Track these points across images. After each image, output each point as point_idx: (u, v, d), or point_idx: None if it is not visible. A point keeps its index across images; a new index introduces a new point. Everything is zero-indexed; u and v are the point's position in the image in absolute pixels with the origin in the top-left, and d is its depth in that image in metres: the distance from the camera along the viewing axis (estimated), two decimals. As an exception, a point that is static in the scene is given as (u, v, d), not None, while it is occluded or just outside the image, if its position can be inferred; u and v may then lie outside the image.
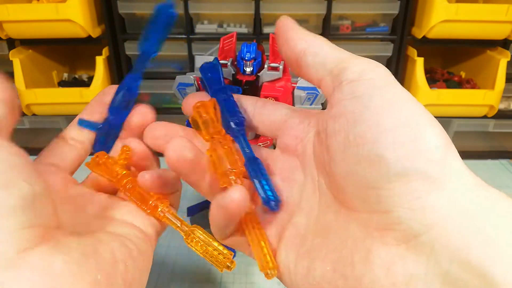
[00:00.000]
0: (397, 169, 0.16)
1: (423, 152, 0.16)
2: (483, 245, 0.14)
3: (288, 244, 0.21)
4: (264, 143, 0.46)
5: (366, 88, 0.18)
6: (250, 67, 0.41)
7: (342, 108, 0.19)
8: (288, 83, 0.42)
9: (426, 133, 0.17)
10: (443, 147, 0.17)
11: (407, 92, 0.19)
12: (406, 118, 0.17)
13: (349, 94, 0.19)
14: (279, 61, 0.41)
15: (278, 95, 0.41)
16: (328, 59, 0.21)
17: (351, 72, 0.19)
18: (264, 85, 0.41)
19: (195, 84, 0.44)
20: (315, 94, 0.42)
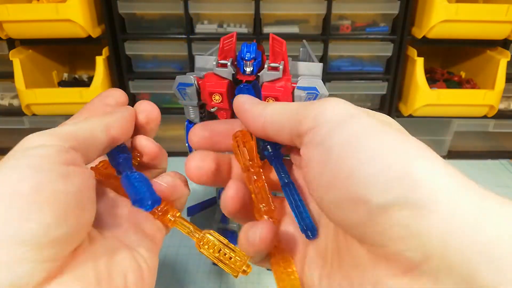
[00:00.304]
0: (377, 204, 0.16)
1: (398, 180, 0.16)
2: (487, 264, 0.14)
3: (312, 265, 0.21)
4: None
5: (324, 133, 0.18)
6: (250, 67, 0.41)
7: (309, 157, 0.19)
8: (288, 83, 0.42)
9: (394, 158, 0.16)
10: (418, 167, 0.16)
11: (363, 120, 0.18)
12: (367, 151, 0.17)
13: (310, 144, 0.19)
14: (279, 61, 0.41)
15: (278, 95, 0.41)
16: (284, 121, 0.21)
17: (307, 121, 0.19)
18: (264, 85, 0.41)
19: (195, 84, 0.44)
20: (315, 94, 0.42)
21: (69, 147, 0.19)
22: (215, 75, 0.42)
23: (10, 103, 0.80)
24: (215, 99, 0.41)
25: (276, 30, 0.72)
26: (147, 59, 0.78)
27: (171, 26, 0.74)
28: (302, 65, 0.45)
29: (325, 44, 0.72)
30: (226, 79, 0.42)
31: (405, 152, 0.16)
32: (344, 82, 0.76)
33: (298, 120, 0.19)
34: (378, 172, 0.16)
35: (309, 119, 0.19)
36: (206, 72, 0.44)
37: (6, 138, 0.85)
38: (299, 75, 0.44)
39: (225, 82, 0.41)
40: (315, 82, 0.42)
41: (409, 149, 0.16)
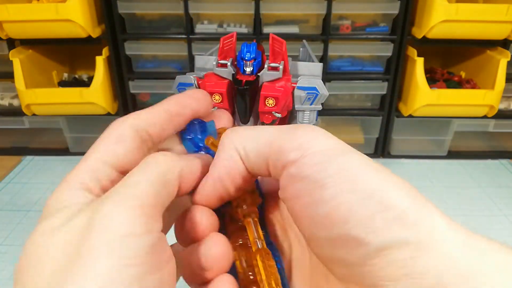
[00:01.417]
0: (376, 245, 0.15)
1: (396, 219, 0.15)
2: None
3: None
4: None
5: (313, 165, 0.17)
6: (250, 67, 0.41)
7: (297, 191, 0.17)
8: (288, 83, 0.42)
9: (392, 198, 0.16)
10: (414, 207, 0.16)
11: (356, 156, 0.17)
12: (365, 189, 0.16)
13: (296, 176, 0.17)
14: (279, 61, 0.41)
15: (278, 95, 0.41)
16: (260, 151, 0.19)
17: (289, 153, 0.17)
18: (264, 85, 0.41)
19: (195, 84, 0.44)
20: (315, 94, 0.42)
21: (158, 229, 0.16)
22: (215, 75, 0.42)
23: (10, 103, 0.80)
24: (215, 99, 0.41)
25: (276, 30, 0.72)
26: (147, 59, 0.78)
27: (171, 26, 0.74)
28: (302, 65, 0.45)
29: (325, 44, 0.72)
30: (226, 79, 0.42)
31: (401, 192, 0.16)
32: (344, 82, 0.76)
33: (278, 147, 0.18)
34: (376, 213, 0.16)
35: (293, 147, 0.17)
36: (206, 72, 0.44)
37: (6, 138, 0.85)
38: (299, 75, 0.44)
39: (225, 82, 0.41)
40: (315, 82, 0.42)
41: (403, 188, 0.16)
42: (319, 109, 0.44)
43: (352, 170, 0.17)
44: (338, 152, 0.17)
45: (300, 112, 0.45)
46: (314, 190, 0.17)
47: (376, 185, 0.16)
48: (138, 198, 0.16)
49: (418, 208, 0.16)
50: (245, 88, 0.41)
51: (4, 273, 0.52)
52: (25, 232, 0.60)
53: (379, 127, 0.81)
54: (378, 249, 0.15)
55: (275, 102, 0.41)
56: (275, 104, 0.41)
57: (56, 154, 0.84)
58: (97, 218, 0.15)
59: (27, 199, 0.68)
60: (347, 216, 0.16)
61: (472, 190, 0.72)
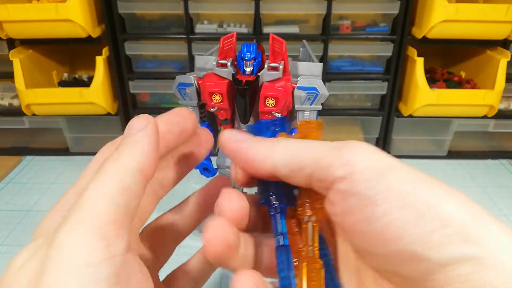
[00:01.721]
0: (436, 261, 0.15)
1: (456, 234, 0.15)
2: None
3: None
4: None
5: (364, 182, 0.17)
6: (250, 67, 0.41)
7: (348, 207, 0.17)
8: (288, 83, 0.42)
9: (448, 213, 0.16)
10: (472, 221, 0.16)
11: (405, 170, 0.17)
12: (417, 205, 0.16)
13: (347, 192, 0.17)
14: (279, 61, 0.41)
15: (278, 95, 0.41)
16: (303, 163, 0.18)
17: (339, 167, 0.17)
18: (264, 85, 0.41)
19: (195, 84, 0.44)
20: (315, 94, 0.42)
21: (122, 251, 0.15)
22: (215, 75, 0.42)
23: (10, 103, 0.80)
24: (215, 99, 0.41)
25: (276, 30, 0.72)
26: (147, 59, 0.78)
27: (171, 26, 0.74)
28: (302, 65, 0.45)
29: (325, 44, 0.72)
30: (226, 79, 0.42)
31: (457, 205, 0.16)
32: (344, 82, 0.76)
33: (326, 163, 0.18)
34: (434, 229, 0.15)
35: (340, 164, 0.17)
36: (206, 72, 0.44)
37: (6, 138, 0.85)
38: (299, 75, 0.44)
39: (225, 82, 0.41)
40: (315, 82, 0.42)
41: (458, 201, 0.16)
42: (319, 109, 0.44)
43: (402, 186, 0.16)
44: (387, 168, 0.17)
45: (300, 112, 0.45)
46: (365, 206, 0.16)
47: (429, 199, 0.16)
48: (93, 218, 0.14)
49: (477, 221, 0.16)
50: (245, 88, 0.41)
51: (4, 273, 0.52)
52: (25, 232, 0.60)
53: (379, 127, 0.81)
54: (440, 265, 0.15)
55: (275, 102, 0.41)
56: (275, 104, 0.41)
57: (56, 154, 0.84)
58: (52, 250, 0.14)
59: (27, 199, 0.68)
60: (401, 233, 0.16)
61: (472, 190, 0.72)
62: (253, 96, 0.42)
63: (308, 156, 0.18)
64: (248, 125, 0.25)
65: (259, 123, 0.23)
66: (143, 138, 0.17)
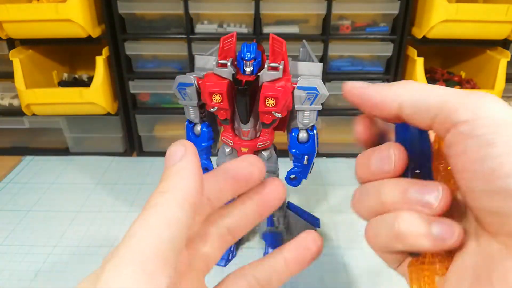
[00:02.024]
0: None
1: None
2: None
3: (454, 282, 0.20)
4: (264, 143, 0.46)
5: (486, 127, 0.18)
6: (250, 67, 0.41)
7: (464, 148, 0.18)
8: (288, 83, 0.42)
9: None
10: None
11: None
12: None
13: (467, 135, 0.18)
14: (279, 61, 0.41)
15: (278, 95, 0.41)
16: (430, 104, 0.20)
17: (465, 111, 0.19)
18: (264, 85, 0.41)
19: (195, 84, 0.44)
20: (315, 94, 0.42)
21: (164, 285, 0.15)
22: (215, 75, 0.42)
23: (10, 103, 0.80)
24: (215, 99, 0.41)
25: (276, 30, 0.72)
26: (147, 59, 0.78)
27: (171, 26, 0.74)
28: (302, 65, 0.45)
29: (325, 44, 0.72)
30: (226, 79, 0.42)
31: None
32: (344, 82, 0.76)
33: (452, 107, 0.19)
34: None
35: (467, 109, 0.19)
36: (206, 72, 0.44)
37: (6, 138, 0.85)
38: (299, 75, 0.44)
39: (225, 82, 0.41)
40: (315, 82, 0.42)
41: None
42: (319, 109, 0.44)
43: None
44: (510, 121, 0.18)
45: (300, 112, 0.45)
46: (482, 147, 0.18)
47: None
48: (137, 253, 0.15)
49: None
50: (246, 88, 0.41)
51: (4, 273, 0.52)
52: (25, 232, 0.60)
53: (379, 127, 0.81)
54: None
55: (275, 102, 0.41)
56: (275, 104, 0.41)
57: (56, 154, 0.84)
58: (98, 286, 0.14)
59: (27, 199, 0.68)
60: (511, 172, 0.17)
61: (472, 190, 0.72)
62: (253, 96, 0.42)
63: (436, 98, 0.20)
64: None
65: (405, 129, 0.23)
66: (186, 166, 0.18)
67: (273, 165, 0.49)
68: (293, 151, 0.46)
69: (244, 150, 0.46)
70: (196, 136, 0.47)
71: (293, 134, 0.46)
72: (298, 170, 0.48)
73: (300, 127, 0.45)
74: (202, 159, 0.48)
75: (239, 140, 0.46)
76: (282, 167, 0.50)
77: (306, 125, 0.45)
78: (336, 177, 0.76)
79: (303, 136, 0.45)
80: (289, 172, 0.48)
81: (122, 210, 0.66)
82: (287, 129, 0.48)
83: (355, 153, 0.83)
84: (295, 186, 0.49)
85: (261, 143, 0.46)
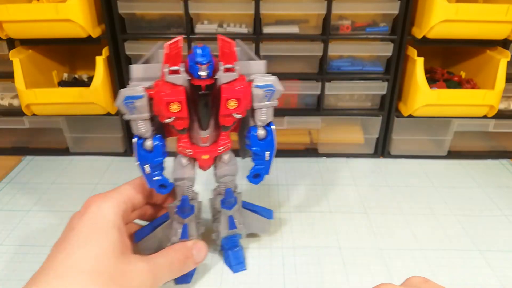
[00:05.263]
0: None
1: None
2: None
3: None
4: (224, 146, 0.46)
5: None
6: (205, 71, 0.39)
7: None
8: (246, 83, 0.42)
9: None
10: None
11: None
12: None
13: None
14: (232, 61, 0.40)
15: (240, 96, 0.40)
16: None
17: None
18: (223, 87, 0.40)
19: (145, 96, 0.40)
20: (272, 91, 0.43)
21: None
22: (167, 83, 0.39)
23: (10, 103, 0.80)
24: (173, 108, 0.39)
25: (276, 30, 0.72)
26: (147, 59, 0.78)
27: (171, 26, 0.74)
28: (246, 64, 0.45)
29: (325, 44, 0.72)
30: (180, 86, 0.39)
31: None
32: (344, 82, 0.76)
33: None
34: None
35: None
36: (154, 82, 0.41)
37: (6, 138, 0.85)
38: (247, 74, 0.44)
39: (182, 89, 0.39)
40: (270, 79, 0.43)
41: None
42: (275, 105, 0.44)
43: None
44: None
45: (258, 110, 0.44)
46: None
47: None
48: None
49: None
50: (207, 93, 0.39)
51: (4, 273, 0.52)
52: (25, 232, 0.60)
53: (379, 127, 0.81)
54: None
55: (237, 104, 0.40)
56: (238, 105, 0.41)
57: (56, 154, 0.84)
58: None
59: (27, 199, 0.68)
60: None
61: (472, 190, 0.72)
62: (213, 100, 0.42)
63: None
64: None
65: None
66: None
67: (234, 167, 0.48)
68: (254, 149, 0.46)
69: (205, 157, 0.45)
70: (148, 152, 0.43)
71: (253, 133, 0.46)
72: (261, 168, 0.48)
73: (259, 124, 0.45)
74: (158, 176, 0.45)
75: (198, 148, 0.45)
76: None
77: (264, 122, 0.45)
78: (336, 177, 0.76)
79: (261, 133, 0.46)
80: (252, 171, 0.48)
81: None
82: (240, 129, 0.48)
83: (355, 153, 0.84)
84: (257, 183, 0.49)
85: (221, 147, 0.46)
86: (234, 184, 0.50)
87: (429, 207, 0.67)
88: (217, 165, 0.48)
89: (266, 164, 0.48)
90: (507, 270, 0.53)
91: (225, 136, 0.46)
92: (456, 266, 0.54)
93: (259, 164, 0.48)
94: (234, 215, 0.51)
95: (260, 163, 0.48)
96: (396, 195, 0.70)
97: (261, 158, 0.48)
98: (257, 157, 0.48)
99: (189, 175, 0.46)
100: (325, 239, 0.58)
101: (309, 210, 0.66)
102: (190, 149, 0.45)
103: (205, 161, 0.46)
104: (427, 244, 0.58)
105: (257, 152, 0.47)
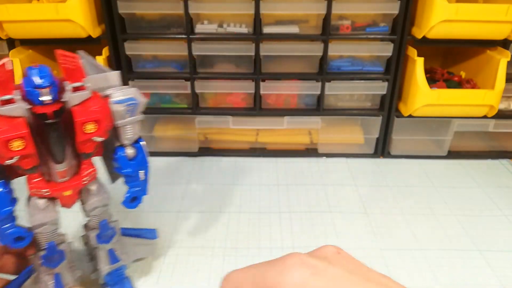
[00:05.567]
0: None
1: None
2: None
3: None
4: (90, 176, 0.39)
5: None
6: (49, 95, 0.33)
7: None
8: (102, 100, 0.36)
9: None
10: None
11: (332, 275, 0.19)
12: None
13: None
14: (80, 78, 0.34)
15: (99, 117, 0.35)
16: None
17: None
18: (74, 111, 0.34)
19: None
20: (134, 104, 0.38)
21: None
22: (1, 117, 0.32)
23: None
24: (14, 146, 0.32)
25: (276, 30, 0.72)
26: (147, 59, 0.78)
27: (171, 26, 0.74)
28: (97, 78, 0.38)
29: (325, 44, 0.72)
30: (19, 117, 0.32)
31: None
32: (344, 82, 0.76)
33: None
34: None
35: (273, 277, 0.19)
36: None
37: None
38: (99, 89, 0.38)
39: (21, 120, 0.32)
40: (130, 92, 0.38)
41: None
42: (140, 119, 0.40)
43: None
44: (308, 279, 0.18)
45: (121, 128, 0.39)
46: None
47: None
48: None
49: None
50: (57, 121, 0.34)
51: (4, 273, 0.52)
52: (25, 232, 0.60)
53: (379, 127, 0.81)
54: None
55: (96, 126, 0.35)
56: (97, 127, 0.36)
57: (56, 154, 0.83)
58: None
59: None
60: None
61: (472, 190, 0.72)
62: (65, 127, 0.35)
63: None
64: None
65: None
66: None
67: (105, 196, 0.42)
68: (125, 171, 0.41)
69: (67, 193, 0.38)
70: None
71: (121, 154, 0.40)
72: (137, 189, 0.43)
73: (126, 143, 0.40)
74: (11, 228, 0.36)
75: (57, 185, 0.37)
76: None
77: (131, 140, 0.40)
78: (336, 177, 0.76)
79: (130, 152, 0.41)
80: (128, 196, 0.43)
81: (122, 210, 0.65)
82: (104, 151, 0.42)
83: (355, 153, 0.83)
84: (135, 207, 0.44)
85: (86, 177, 0.39)
86: (109, 214, 0.44)
87: (429, 207, 0.67)
88: (85, 199, 0.41)
89: (142, 184, 0.43)
90: (507, 270, 0.53)
91: (88, 164, 0.39)
92: (456, 266, 0.54)
93: (134, 186, 0.42)
94: (114, 247, 0.44)
95: (135, 185, 0.42)
96: (396, 195, 0.70)
97: (135, 180, 0.42)
98: (130, 179, 0.42)
99: (51, 218, 0.38)
100: (325, 239, 0.58)
101: (309, 210, 0.66)
102: (46, 188, 0.37)
103: (68, 198, 0.39)
104: (427, 244, 0.58)
105: (130, 174, 0.41)
